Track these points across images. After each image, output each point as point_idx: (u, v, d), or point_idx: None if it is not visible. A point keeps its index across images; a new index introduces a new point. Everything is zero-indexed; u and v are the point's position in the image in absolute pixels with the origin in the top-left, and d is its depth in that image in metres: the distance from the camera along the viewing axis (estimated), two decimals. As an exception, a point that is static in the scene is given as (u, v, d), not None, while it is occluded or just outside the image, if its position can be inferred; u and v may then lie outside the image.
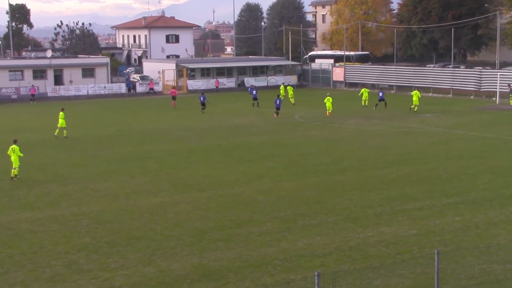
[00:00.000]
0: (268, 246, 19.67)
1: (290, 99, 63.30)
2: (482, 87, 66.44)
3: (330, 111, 53.27)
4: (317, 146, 38.32)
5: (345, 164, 32.66)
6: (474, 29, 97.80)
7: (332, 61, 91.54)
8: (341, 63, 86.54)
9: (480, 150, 35.97)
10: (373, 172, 30.46)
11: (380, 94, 58.15)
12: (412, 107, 54.83)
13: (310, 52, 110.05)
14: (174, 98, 63.31)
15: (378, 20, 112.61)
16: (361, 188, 27.13)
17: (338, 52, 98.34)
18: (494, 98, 62.16)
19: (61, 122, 43.38)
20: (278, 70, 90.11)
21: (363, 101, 59.54)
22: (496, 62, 76.58)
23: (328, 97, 54.25)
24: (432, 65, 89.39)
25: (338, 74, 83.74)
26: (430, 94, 69.98)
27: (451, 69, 75.89)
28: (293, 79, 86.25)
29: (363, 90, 61.48)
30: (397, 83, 75.43)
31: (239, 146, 39.04)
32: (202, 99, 57.34)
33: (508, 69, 76.96)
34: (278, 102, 52.68)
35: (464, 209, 23.51)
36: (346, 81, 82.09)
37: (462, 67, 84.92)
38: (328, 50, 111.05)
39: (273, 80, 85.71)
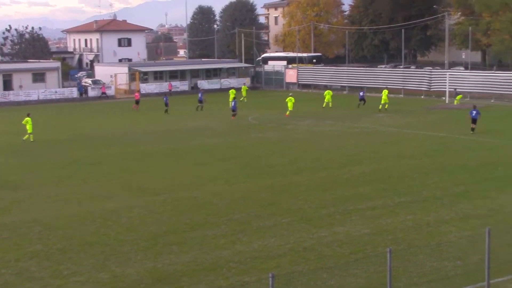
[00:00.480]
0: (223, 248, 19.65)
1: (243, 98, 64.75)
2: (432, 87, 67.47)
3: (288, 112, 53.58)
4: (272, 148, 38.44)
5: (299, 165, 32.82)
6: (424, 30, 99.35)
7: (285, 63, 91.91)
8: (294, 65, 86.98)
9: (431, 149, 36.51)
10: (327, 173, 30.68)
11: (361, 93, 60.60)
12: (380, 107, 55.75)
13: (263, 54, 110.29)
14: (137, 102, 63.37)
15: (330, 21, 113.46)
16: (315, 189, 27.29)
17: (291, 54, 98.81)
18: (443, 98, 63.16)
19: (28, 127, 42.87)
20: (231, 72, 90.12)
21: (325, 103, 59.78)
22: (445, 62, 77.81)
23: (290, 97, 54.73)
24: (383, 66, 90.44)
25: (291, 75, 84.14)
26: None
27: (402, 69, 76.91)
28: (246, 81, 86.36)
29: (326, 92, 61.87)
30: (349, 84, 76.10)
31: (193, 149, 38.93)
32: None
33: (456, 69, 78.33)
34: (233, 104, 52.85)
35: (416, 208, 23.83)
36: (299, 82, 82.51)
37: (412, 67, 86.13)
38: (281, 52, 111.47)
39: (227, 82, 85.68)
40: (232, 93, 61.88)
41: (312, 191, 26.94)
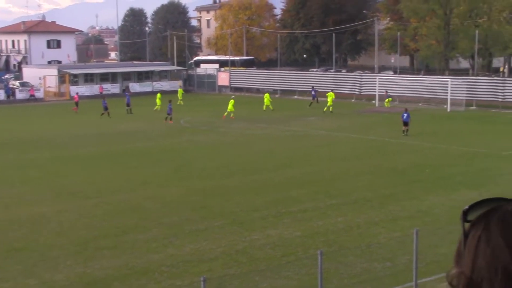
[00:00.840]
0: (155, 252, 19.51)
1: (179, 101, 64.74)
2: (362, 91, 68.56)
3: (226, 114, 53.60)
4: (204, 151, 38.37)
5: (231, 168, 32.85)
6: (354, 34, 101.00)
7: (217, 66, 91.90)
8: (226, 68, 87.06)
9: (362, 152, 37.08)
10: (259, 176, 30.80)
11: (313, 93, 62.67)
12: (325, 109, 56.46)
13: (195, 57, 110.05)
14: (76, 104, 62.23)
15: (262, 25, 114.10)
16: (248, 192, 27.37)
17: (223, 57, 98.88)
18: (373, 101, 64.25)
19: None
20: (163, 75, 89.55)
21: (265, 105, 59.67)
22: (375, 66, 79.23)
23: (231, 100, 54.85)
24: (315, 69, 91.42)
25: (223, 79, 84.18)
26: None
27: (333, 73, 77.90)
28: (179, 84, 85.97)
29: (265, 95, 61.84)
30: (281, 87, 76.62)
31: (124, 152, 38.50)
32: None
33: (386, 73, 79.85)
34: (169, 108, 52.53)
35: (346, 210, 24.16)
36: (232, 85, 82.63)
37: (343, 71, 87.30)
38: (213, 55, 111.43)
39: (159, 85, 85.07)
40: (158, 98, 61.46)
41: (244, 194, 27.00)
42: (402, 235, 20.42)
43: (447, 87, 59.10)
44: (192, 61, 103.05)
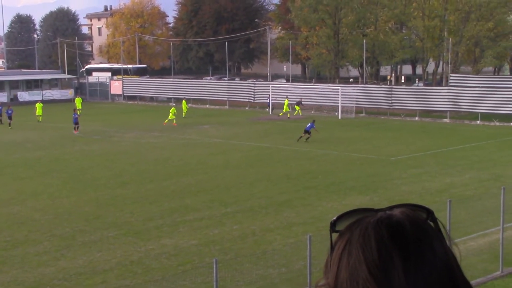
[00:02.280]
0: (46, 265, 18.94)
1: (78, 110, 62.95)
2: (256, 99, 69.22)
3: (167, 121, 53.39)
4: (96, 161, 37.64)
5: (125, 177, 32.38)
6: (247, 43, 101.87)
7: (109, 74, 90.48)
8: (119, 76, 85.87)
9: (256, 160, 37.40)
10: (154, 185, 30.51)
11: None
12: (281, 114, 57.35)
13: (87, 65, 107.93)
14: None
15: (154, 33, 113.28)
16: (142, 201, 27.05)
17: (116, 65, 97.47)
18: (267, 109, 64.99)
19: None
20: (53, 83, 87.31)
21: (167, 120, 56.96)
22: (268, 74, 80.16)
23: (172, 108, 55.06)
24: (208, 78, 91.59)
25: (116, 87, 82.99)
26: (207, 106, 71.60)
27: (227, 81, 78.27)
28: (70, 93, 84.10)
29: (171, 109, 59.61)
30: (175, 95, 76.29)
31: (13, 163, 37.23)
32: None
33: (279, 81, 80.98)
34: (75, 117, 51.15)
35: (242, 217, 24.28)
36: (125, 94, 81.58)
37: (237, 79, 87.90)
38: (106, 63, 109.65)
39: (49, 94, 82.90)
40: (39, 107, 59.72)
41: (139, 203, 26.67)
42: (297, 241, 20.70)
43: (338, 94, 60.58)
44: (84, 69, 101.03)
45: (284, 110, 59.88)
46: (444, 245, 1.44)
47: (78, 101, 66.91)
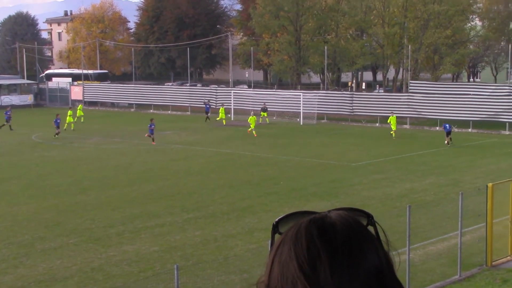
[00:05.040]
0: (4, 274, 18.67)
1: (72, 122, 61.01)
2: (217, 105, 69.14)
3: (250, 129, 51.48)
4: (56, 167, 37.24)
5: (86, 184, 32.10)
6: (209, 49, 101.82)
7: (70, 79, 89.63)
8: (79, 82, 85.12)
9: (218, 165, 37.38)
10: (115, 191, 30.30)
11: (206, 106, 62.79)
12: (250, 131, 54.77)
13: (46, 70, 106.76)
14: None
15: (115, 38, 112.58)
16: (104, 208, 26.84)
17: (76, 71, 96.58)
18: (229, 115, 64.99)
19: None
20: (12, 89, 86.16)
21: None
22: (230, 80, 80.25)
23: (252, 117, 52.09)
24: (170, 84, 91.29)
25: (76, 93, 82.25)
26: (169, 112, 71.34)
27: (189, 87, 78.11)
28: (29, 98, 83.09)
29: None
30: (137, 101, 75.93)
31: (-30, 169, 36.66)
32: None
33: (240, 87, 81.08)
34: (57, 122, 50.39)
35: (204, 223, 24.25)
36: (85, 99, 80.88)
37: (198, 85, 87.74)
38: (66, 68, 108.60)
39: (8, 99, 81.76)
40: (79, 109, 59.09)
41: (100, 210, 26.46)
42: (258, 246, 20.74)
43: (300, 101, 60.90)
44: (43, 74, 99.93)
45: (220, 117, 59.65)
46: (377, 249, 1.47)
47: (79, 109, 64.23)
